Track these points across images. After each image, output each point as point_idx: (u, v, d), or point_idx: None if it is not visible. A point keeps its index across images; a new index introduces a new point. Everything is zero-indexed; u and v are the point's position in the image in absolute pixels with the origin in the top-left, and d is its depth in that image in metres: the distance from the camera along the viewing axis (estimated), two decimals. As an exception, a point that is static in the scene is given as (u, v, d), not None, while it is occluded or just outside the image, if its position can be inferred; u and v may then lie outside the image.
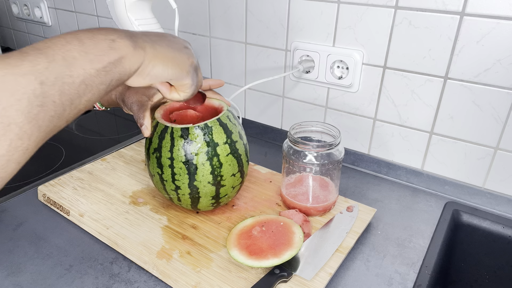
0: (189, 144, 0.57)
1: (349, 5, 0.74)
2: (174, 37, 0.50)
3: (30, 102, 0.31)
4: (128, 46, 0.39)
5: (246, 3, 0.87)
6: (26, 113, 0.31)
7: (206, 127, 0.58)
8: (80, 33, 0.37)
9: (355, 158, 0.86)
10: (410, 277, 0.58)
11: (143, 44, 0.42)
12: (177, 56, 0.46)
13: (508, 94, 0.65)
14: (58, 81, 0.33)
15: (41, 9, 1.39)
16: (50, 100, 0.33)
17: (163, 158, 0.59)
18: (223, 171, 0.60)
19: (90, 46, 0.36)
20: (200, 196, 0.61)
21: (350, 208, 0.68)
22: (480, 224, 0.69)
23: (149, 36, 0.45)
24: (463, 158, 0.73)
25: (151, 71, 0.43)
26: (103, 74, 0.37)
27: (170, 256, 0.58)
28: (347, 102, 0.82)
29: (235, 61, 0.96)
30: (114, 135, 1.05)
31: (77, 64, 0.35)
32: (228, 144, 0.60)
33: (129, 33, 0.41)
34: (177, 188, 0.60)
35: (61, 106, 0.34)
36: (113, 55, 0.38)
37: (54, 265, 0.59)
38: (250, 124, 1.00)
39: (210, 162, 0.58)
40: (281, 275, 0.54)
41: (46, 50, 0.33)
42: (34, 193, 0.76)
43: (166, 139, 0.58)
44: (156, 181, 0.62)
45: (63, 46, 0.35)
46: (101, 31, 0.38)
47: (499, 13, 0.62)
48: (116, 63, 0.38)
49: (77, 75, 0.35)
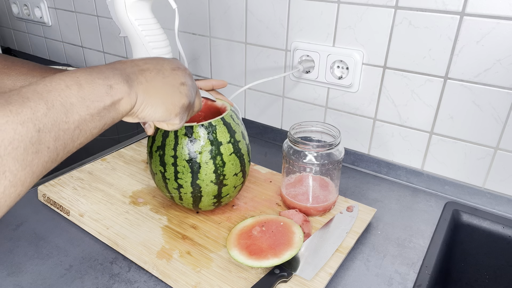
0: (193, 143, 0.58)
1: (349, 5, 0.74)
2: (173, 70, 0.48)
3: (26, 149, 0.31)
4: (124, 91, 0.40)
5: (246, 3, 0.87)
6: (21, 160, 0.31)
7: (210, 126, 0.58)
8: (80, 75, 0.37)
9: (355, 158, 0.86)
10: (410, 277, 0.58)
11: (138, 87, 0.42)
12: (168, 99, 0.46)
13: (508, 94, 0.65)
14: (55, 127, 0.33)
15: (41, 9, 1.39)
16: (45, 146, 0.33)
17: (166, 156, 0.59)
18: (226, 170, 0.60)
19: (88, 92, 0.36)
20: (202, 195, 0.61)
21: (350, 208, 0.68)
22: (480, 224, 0.69)
23: (144, 74, 0.44)
24: (463, 158, 0.73)
25: (140, 114, 0.44)
26: (97, 119, 0.37)
27: (170, 256, 0.58)
28: (347, 102, 0.82)
29: (235, 61, 0.96)
30: (114, 135, 1.05)
31: (74, 110, 0.35)
32: (232, 143, 0.60)
33: (126, 73, 0.41)
34: (179, 187, 0.60)
35: (55, 151, 0.34)
36: (108, 101, 0.38)
37: (54, 265, 0.59)
38: (250, 124, 1.00)
39: (214, 161, 0.59)
40: (281, 275, 0.54)
41: (46, 95, 0.33)
42: (34, 193, 0.76)
43: (170, 137, 0.58)
44: (158, 179, 0.62)
45: (62, 91, 0.35)
46: (100, 74, 0.39)
47: (499, 13, 0.62)
48: (110, 108, 0.38)
49: (73, 121, 0.35)
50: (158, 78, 0.45)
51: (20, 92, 0.32)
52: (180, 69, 0.49)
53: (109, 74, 0.39)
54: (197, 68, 1.05)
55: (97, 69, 0.39)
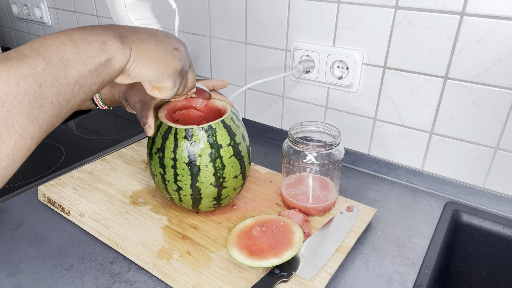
0: (192, 146, 0.57)
1: (349, 5, 0.74)
2: (167, 37, 0.49)
3: (30, 104, 0.32)
4: (117, 48, 0.41)
5: (246, 3, 0.87)
6: (27, 114, 0.32)
7: (210, 129, 0.58)
8: (73, 33, 0.38)
9: (355, 158, 0.86)
10: (410, 277, 0.58)
11: (131, 44, 0.43)
12: (161, 59, 0.47)
13: (508, 94, 0.65)
14: (55, 82, 0.34)
15: (41, 9, 1.39)
16: (49, 101, 0.34)
17: (166, 159, 0.59)
18: (226, 173, 0.60)
19: (83, 48, 0.38)
20: (201, 197, 0.61)
21: (350, 208, 0.68)
22: (480, 224, 0.69)
23: (138, 35, 0.45)
24: (463, 158, 0.73)
25: (132, 72, 0.44)
26: (95, 75, 0.38)
27: (170, 256, 0.58)
28: (347, 102, 0.82)
29: (235, 61, 0.96)
30: (114, 135, 1.05)
31: (72, 65, 0.36)
32: (232, 146, 0.60)
33: (119, 32, 0.42)
34: (179, 189, 0.60)
35: (58, 107, 0.35)
36: (103, 57, 0.39)
37: (54, 265, 0.59)
38: (250, 124, 1.00)
39: (213, 164, 0.58)
40: (281, 275, 0.54)
41: (43, 52, 0.35)
42: (34, 193, 0.76)
43: (169, 139, 0.58)
44: (157, 181, 0.62)
45: (58, 47, 0.36)
46: (93, 31, 0.40)
47: (499, 13, 0.62)
48: (106, 64, 0.39)
49: (72, 77, 0.36)
50: (151, 40, 0.46)
51: (18, 50, 0.34)
52: (175, 38, 0.51)
53: (101, 31, 0.40)
54: (197, 68, 1.05)
55: (90, 27, 0.40)
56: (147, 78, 0.46)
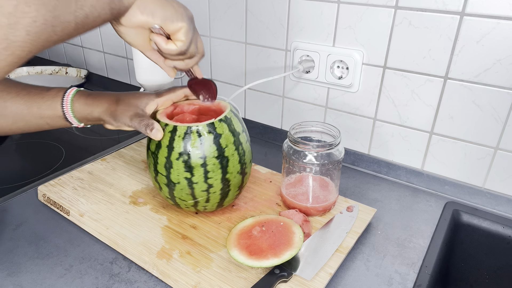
0: (217, 138, 0.58)
1: (349, 5, 0.74)
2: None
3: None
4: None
5: (246, 3, 0.87)
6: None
7: (227, 119, 0.60)
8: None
9: (355, 158, 0.86)
10: (410, 277, 0.58)
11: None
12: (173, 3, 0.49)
13: (508, 94, 0.65)
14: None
15: None
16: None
17: (193, 159, 0.57)
18: (246, 158, 0.63)
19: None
20: (230, 189, 0.62)
21: (350, 208, 0.68)
22: (480, 224, 0.69)
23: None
24: (463, 158, 0.74)
25: (148, 5, 0.46)
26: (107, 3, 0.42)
27: (170, 256, 0.58)
28: (347, 102, 0.82)
29: (235, 61, 0.96)
30: (114, 135, 1.05)
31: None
32: (244, 132, 0.63)
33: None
34: (209, 187, 0.60)
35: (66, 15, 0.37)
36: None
37: (54, 265, 0.59)
38: (250, 124, 1.00)
39: (238, 151, 0.60)
40: (281, 275, 0.54)
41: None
42: (34, 193, 0.76)
43: (193, 139, 0.57)
44: (180, 188, 0.60)
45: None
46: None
47: (499, 13, 0.62)
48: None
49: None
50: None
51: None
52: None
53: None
54: (197, 68, 1.04)
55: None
56: (162, 15, 0.48)
